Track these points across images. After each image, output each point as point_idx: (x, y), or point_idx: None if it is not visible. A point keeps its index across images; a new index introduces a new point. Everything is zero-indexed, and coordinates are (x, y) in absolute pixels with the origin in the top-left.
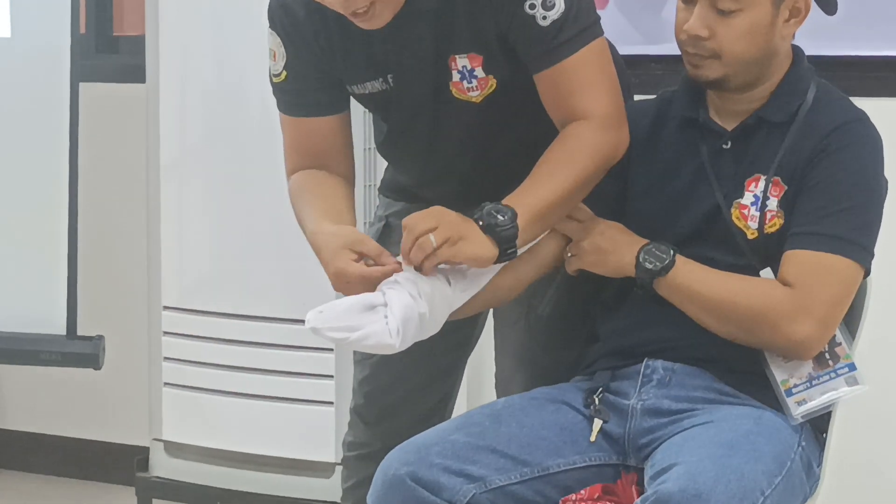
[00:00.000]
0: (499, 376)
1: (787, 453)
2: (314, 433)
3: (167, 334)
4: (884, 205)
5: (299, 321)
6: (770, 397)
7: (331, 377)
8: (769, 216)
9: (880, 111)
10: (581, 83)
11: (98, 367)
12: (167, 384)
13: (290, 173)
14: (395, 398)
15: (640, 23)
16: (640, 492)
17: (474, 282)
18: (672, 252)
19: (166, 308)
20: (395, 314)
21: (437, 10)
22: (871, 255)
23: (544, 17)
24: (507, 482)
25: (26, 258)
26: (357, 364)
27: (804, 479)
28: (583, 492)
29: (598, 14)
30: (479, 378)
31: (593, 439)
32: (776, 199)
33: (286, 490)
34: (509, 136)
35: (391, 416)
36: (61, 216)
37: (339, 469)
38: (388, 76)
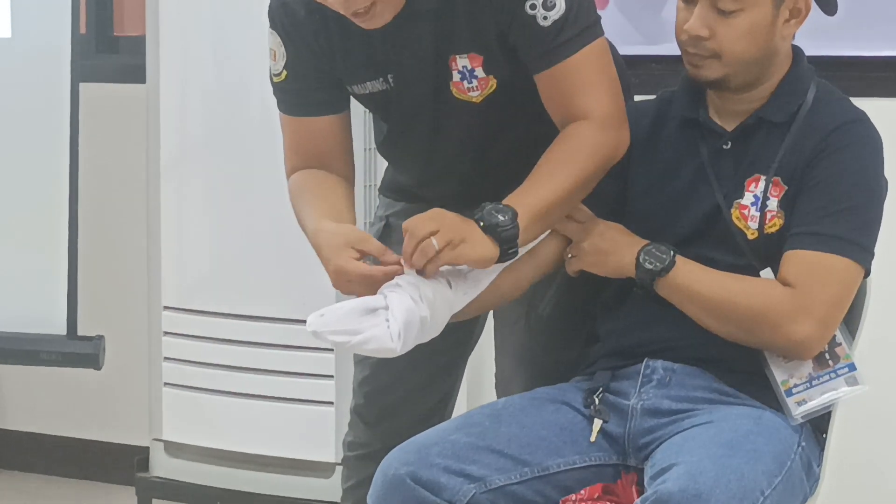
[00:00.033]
0: (499, 376)
1: (786, 453)
2: (314, 433)
3: (167, 334)
4: (884, 205)
5: (299, 321)
6: (770, 397)
7: (331, 377)
8: (769, 216)
9: (880, 111)
10: (581, 83)
11: (98, 367)
12: (167, 384)
13: (290, 173)
14: (395, 398)
15: (640, 23)
16: (640, 492)
17: (475, 284)
18: (672, 252)
19: (166, 308)
20: (397, 318)
21: (437, 10)
22: (872, 256)
23: (545, 18)
24: (508, 482)
25: (26, 258)
26: (357, 364)
27: (804, 479)
28: (583, 492)
29: (599, 14)
30: (479, 378)
31: (593, 439)
32: (776, 200)
33: (286, 490)
34: (509, 137)
35: (391, 416)
36: (61, 216)
37: (339, 469)
38: (389, 76)
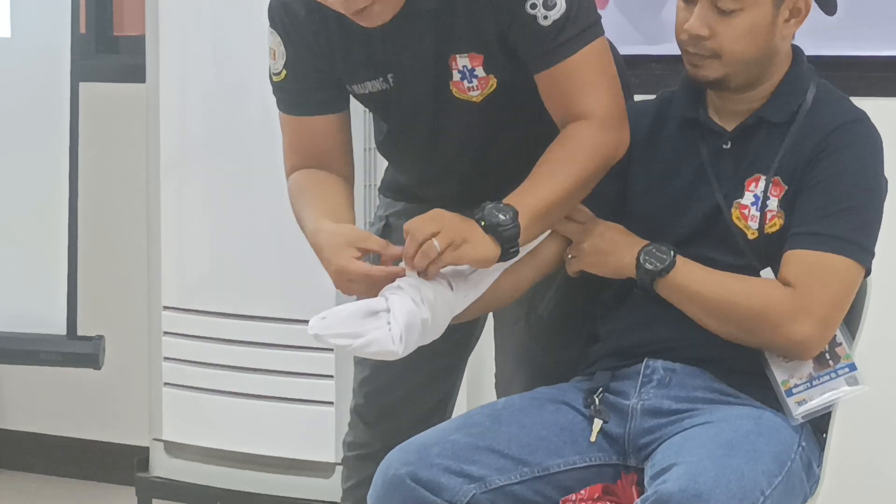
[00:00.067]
0: (499, 376)
1: (787, 453)
2: (314, 433)
3: (167, 334)
4: (884, 205)
5: (299, 321)
6: (770, 397)
7: (331, 377)
8: (769, 216)
9: (880, 111)
10: (582, 83)
11: (98, 367)
12: (167, 384)
13: (290, 173)
14: (395, 398)
15: (640, 23)
16: (641, 492)
17: (476, 286)
18: (672, 253)
19: (166, 308)
20: (398, 320)
21: (437, 9)
22: (872, 255)
23: (545, 17)
24: (508, 482)
25: (26, 258)
26: (357, 364)
27: (804, 480)
28: (583, 492)
29: (599, 14)
30: (479, 378)
31: (593, 439)
32: (776, 199)
33: (286, 490)
34: (509, 136)
35: (391, 416)
36: (61, 216)
37: (340, 469)
38: (389, 76)
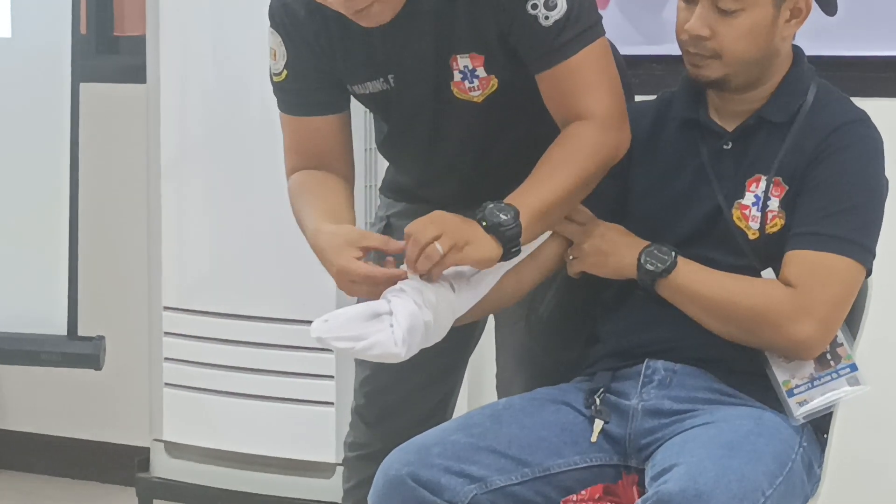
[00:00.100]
0: (499, 377)
1: (787, 454)
2: (315, 434)
3: (168, 335)
4: (885, 205)
5: (300, 321)
6: (771, 398)
7: (331, 377)
8: (770, 216)
9: (881, 111)
10: (583, 83)
11: (99, 367)
12: (168, 384)
13: (290, 173)
14: (395, 398)
15: (640, 23)
16: (641, 493)
17: (478, 287)
18: (673, 253)
19: (167, 308)
20: (401, 323)
21: (437, 9)
22: (873, 255)
23: (546, 18)
24: (508, 483)
25: (26, 258)
26: (358, 364)
27: (805, 480)
28: (584, 492)
29: (600, 14)
30: (480, 378)
31: (594, 440)
32: (777, 200)
33: (287, 491)
34: (510, 136)
35: (392, 416)
36: (62, 216)
37: (340, 469)
38: (389, 76)
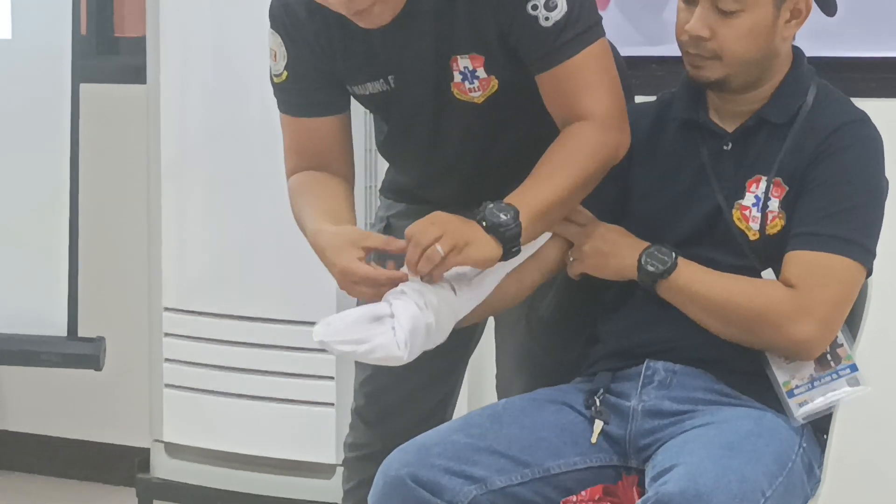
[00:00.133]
0: (499, 377)
1: (787, 454)
2: (315, 434)
3: (168, 335)
4: (885, 205)
5: (299, 322)
6: (771, 398)
7: (331, 378)
8: (770, 217)
9: (881, 112)
10: (583, 84)
11: (99, 368)
12: (168, 385)
13: (290, 174)
14: (395, 399)
15: (640, 24)
16: (641, 493)
17: (479, 289)
18: (674, 254)
19: (167, 309)
20: (403, 325)
21: (437, 10)
22: (873, 256)
23: (546, 18)
24: (508, 483)
25: (26, 259)
26: (358, 365)
27: (805, 481)
28: (583, 493)
29: (600, 15)
30: (480, 379)
31: (594, 440)
32: (777, 200)
33: (287, 491)
34: (510, 137)
35: (392, 416)
36: (62, 217)
37: (340, 470)
38: (389, 77)
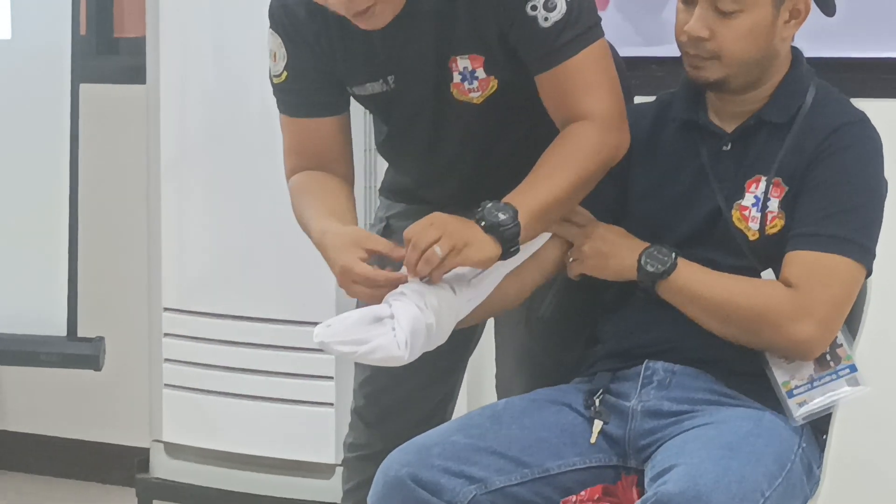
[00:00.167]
0: (499, 377)
1: (787, 455)
2: (314, 434)
3: (167, 336)
4: (884, 205)
5: (299, 322)
6: (771, 399)
7: (331, 378)
8: (770, 217)
9: (880, 112)
10: (582, 84)
11: (98, 368)
12: (167, 385)
13: (290, 174)
14: (395, 399)
15: (640, 24)
16: (641, 493)
17: (479, 289)
18: (674, 255)
19: (167, 309)
20: (403, 326)
21: (437, 10)
22: (873, 256)
23: (546, 19)
24: (508, 483)
25: (26, 259)
26: (358, 365)
27: (804, 481)
28: (583, 493)
29: (600, 16)
30: (480, 379)
31: (594, 441)
32: (777, 200)
33: (286, 491)
34: (510, 137)
35: (392, 417)
36: (61, 217)
37: (340, 470)
38: (389, 77)
